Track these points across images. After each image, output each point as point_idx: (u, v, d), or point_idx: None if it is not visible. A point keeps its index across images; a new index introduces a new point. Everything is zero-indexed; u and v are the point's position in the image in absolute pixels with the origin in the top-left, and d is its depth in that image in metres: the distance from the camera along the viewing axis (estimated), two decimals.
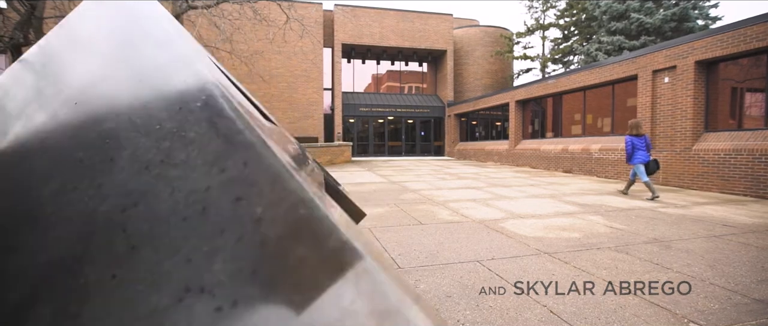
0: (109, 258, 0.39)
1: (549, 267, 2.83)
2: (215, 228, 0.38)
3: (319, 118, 19.30)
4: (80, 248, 0.39)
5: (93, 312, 0.36)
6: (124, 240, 0.39)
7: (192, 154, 0.42)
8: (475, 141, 18.85)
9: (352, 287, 0.30)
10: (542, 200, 6.00)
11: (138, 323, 0.35)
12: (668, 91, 8.25)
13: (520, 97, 14.07)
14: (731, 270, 2.75)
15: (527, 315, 2.05)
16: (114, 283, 0.38)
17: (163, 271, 0.37)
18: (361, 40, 19.74)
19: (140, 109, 0.46)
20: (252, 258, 0.36)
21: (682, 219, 4.54)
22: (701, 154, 7.41)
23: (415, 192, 7.00)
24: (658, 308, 2.14)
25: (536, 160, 12.77)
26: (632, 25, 16.50)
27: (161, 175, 0.42)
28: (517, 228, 4.09)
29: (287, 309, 0.31)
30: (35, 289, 0.38)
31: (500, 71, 22.48)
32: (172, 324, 0.34)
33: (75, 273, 0.38)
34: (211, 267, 0.36)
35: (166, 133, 0.44)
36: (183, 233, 0.39)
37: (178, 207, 0.40)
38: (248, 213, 0.38)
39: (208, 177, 0.41)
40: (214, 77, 0.48)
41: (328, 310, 0.30)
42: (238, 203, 0.39)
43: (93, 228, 0.40)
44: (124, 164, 0.43)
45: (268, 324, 0.32)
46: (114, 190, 0.41)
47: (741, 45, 6.80)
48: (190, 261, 0.37)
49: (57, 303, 0.37)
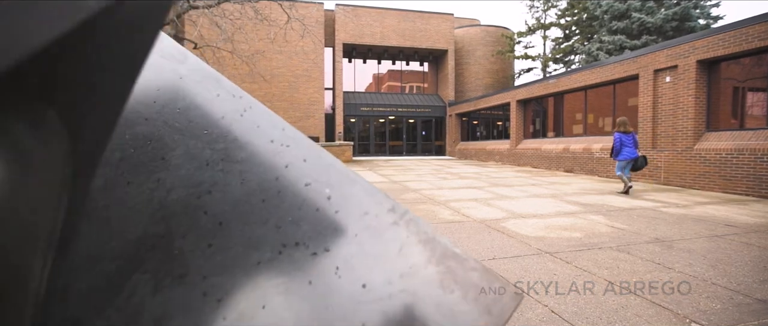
0: (200, 232, 0.45)
1: (550, 266, 2.83)
2: (294, 204, 0.49)
3: (320, 117, 19.31)
4: (162, 227, 0.45)
5: (200, 270, 0.44)
6: (210, 218, 0.46)
7: (252, 153, 0.51)
8: (476, 140, 18.85)
9: (405, 228, 0.46)
10: (543, 200, 6.00)
11: (248, 273, 0.44)
12: (670, 91, 8.23)
13: (521, 96, 14.06)
14: (733, 270, 2.74)
15: (529, 315, 2.05)
16: (212, 250, 0.45)
17: (257, 237, 0.46)
18: (362, 40, 19.74)
19: (177, 115, 0.51)
20: (332, 220, 0.47)
21: (684, 219, 4.53)
22: (703, 153, 7.39)
23: (417, 191, 7.00)
24: (660, 308, 2.14)
25: (537, 160, 12.75)
26: (633, 24, 16.47)
27: (226, 170, 0.50)
28: (518, 227, 4.09)
29: (364, 247, 0.46)
30: (127, 261, 0.43)
31: (501, 71, 22.45)
32: (279, 270, 0.44)
33: (167, 246, 0.44)
34: (300, 230, 0.47)
35: (217, 136, 0.51)
36: (266, 209, 0.48)
37: (254, 192, 0.48)
38: (319, 193, 0.50)
39: (274, 169, 0.51)
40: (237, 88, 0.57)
41: (393, 243, 0.45)
42: (308, 187, 0.50)
43: (170, 213, 0.46)
44: (181, 162, 0.48)
45: (354, 258, 0.45)
46: (179, 183, 0.47)
47: (743, 44, 6.78)
48: (280, 227, 0.47)
49: (156, 270, 0.43)
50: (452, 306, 0.41)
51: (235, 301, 0.43)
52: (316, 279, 0.44)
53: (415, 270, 0.43)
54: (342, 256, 0.45)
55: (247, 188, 0.48)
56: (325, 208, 0.49)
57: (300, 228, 0.47)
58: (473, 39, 22.09)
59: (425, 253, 0.45)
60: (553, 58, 21.82)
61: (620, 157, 6.48)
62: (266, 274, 0.44)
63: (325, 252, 0.46)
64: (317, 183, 0.51)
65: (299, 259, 0.45)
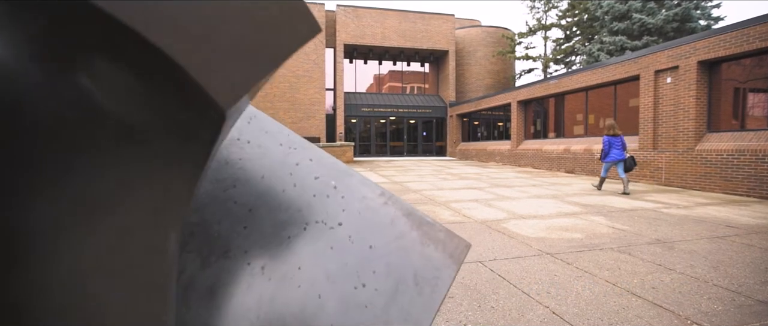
0: (233, 218, 0.55)
1: (551, 267, 2.83)
2: (309, 193, 0.62)
3: (321, 118, 19.32)
4: (198, 217, 0.53)
5: (241, 247, 0.54)
6: (240, 207, 0.56)
7: (265, 154, 0.63)
8: (477, 141, 18.84)
9: (393, 206, 0.62)
10: (544, 200, 6.00)
11: (281, 245, 0.56)
12: (671, 92, 8.22)
13: (522, 97, 14.06)
14: (735, 272, 2.74)
15: (529, 316, 2.05)
16: (248, 231, 0.55)
17: (283, 219, 0.58)
18: (363, 41, 19.75)
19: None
20: (340, 203, 0.62)
21: (685, 220, 4.53)
22: (704, 154, 7.39)
23: (417, 192, 7.00)
24: (661, 309, 2.14)
25: (538, 161, 12.75)
26: (634, 25, 16.46)
27: (245, 168, 0.59)
28: (519, 228, 4.09)
29: (366, 221, 0.61)
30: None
31: (502, 71, 22.45)
32: (306, 241, 0.57)
33: (206, 231, 0.54)
34: (317, 211, 0.61)
35: (231, 139, 0.60)
36: (287, 198, 0.60)
37: (275, 184, 0.60)
38: (327, 184, 0.63)
39: (288, 167, 0.63)
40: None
41: (385, 216, 0.62)
42: (318, 180, 0.63)
43: (201, 204, 0.54)
44: None
45: (361, 229, 0.61)
46: (203, 178, 0.58)
47: (744, 45, 6.78)
48: (301, 210, 0.59)
49: (200, 249, 0.52)
50: (429, 254, 0.63)
51: (277, 267, 0.55)
52: (336, 245, 0.59)
53: (403, 234, 0.63)
54: (352, 228, 0.61)
55: (268, 183, 0.60)
56: (333, 195, 0.64)
57: (316, 210, 0.62)
58: (474, 40, 22.09)
59: (409, 222, 0.64)
60: (554, 58, 21.80)
61: (608, 158, 6.84)
62: (297, 245, 0.58)
63: (339, 226, 0.61)
64: (324, 176, 0.66)
65: (320, 232, 0.60)
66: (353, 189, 0.67)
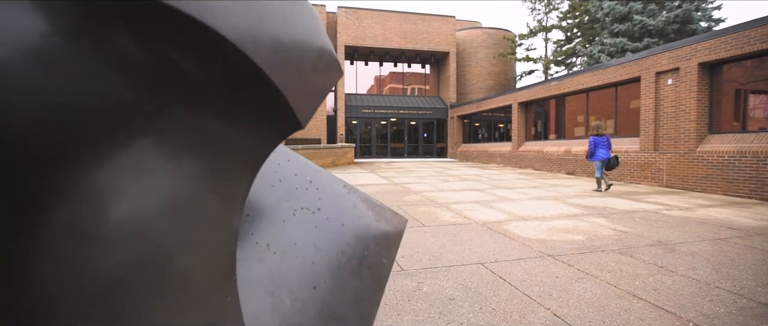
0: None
1: (552, 269, 2.82)
2: (291, 186, 0.83)
3: (321, 119, 19.33)
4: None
5: (248, 230, 0.71)
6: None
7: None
8: (477, 143, 18.83)
9: (354, 195, 0.93)
10: (545, 202, 5.99)
11: (278, 227, 0.76)
12: (671, 93, 8.21)
13: (522, 98, 14.05)
14: (737, 274, 2.73)
15: (531, 318, 2.05)
16: (250, 218, 0.72)
17: (276, 207, 0.78)
18: (364, 42, 19.77)
19: None
20: (316, 193, 0.87)
21: (687, 222, 4.51)
22: (705, 156, 7.37)
23: (418, 193, 6.99)
24: (663, 311, 2.13)
25: (539, 162, 12.73)
26: (635, 27, 16.45)
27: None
28: (520, 230, 4.08)
29: (336, 206, 0.87)
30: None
31: (503, 73, 22.45)
32: (296, 223, 0.79)
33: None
34: (300, 200, 0.83)
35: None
36: (275, 191, 0.79)
37: (265, 181, 0.78)
38: (304, 179, 0.87)
39: (272, 165, 0.82)
40: None
41: (349, 203, 0.90)
42: (297, 176, 0.85)
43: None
44: None
45: (334, 212, 0.86)
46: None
47: (745, 47, 6.77)
48: (288, 200, 0.82)
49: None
50: (381, 227, 0.91)
51: (278, 243, 0.72)
52: (319, 224, 0.80)
53: (363, 214, 0.89)
54: (328, 211, 0.83)
55: (260, 181, 0.75)
56: (310, 187, 0.83)
57: (300, 199, 0.81)
58: (475, 41, 22.09)
59: (365, 206, 0.91)
60: (555, 60, 21.80)
61: (594, 158, 7.03)
62: (291, 226, 0.76)
63: (319, 210, 0.83)
64: (301, 173, 0.85)
65: (306, 216, 0.80)
66: (324, 182, 0.88)
